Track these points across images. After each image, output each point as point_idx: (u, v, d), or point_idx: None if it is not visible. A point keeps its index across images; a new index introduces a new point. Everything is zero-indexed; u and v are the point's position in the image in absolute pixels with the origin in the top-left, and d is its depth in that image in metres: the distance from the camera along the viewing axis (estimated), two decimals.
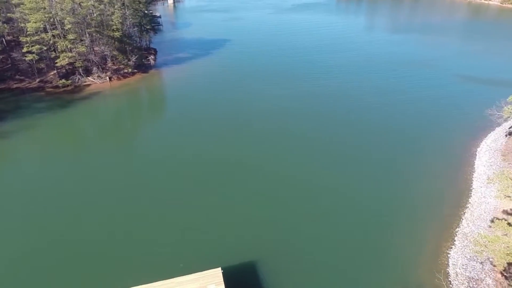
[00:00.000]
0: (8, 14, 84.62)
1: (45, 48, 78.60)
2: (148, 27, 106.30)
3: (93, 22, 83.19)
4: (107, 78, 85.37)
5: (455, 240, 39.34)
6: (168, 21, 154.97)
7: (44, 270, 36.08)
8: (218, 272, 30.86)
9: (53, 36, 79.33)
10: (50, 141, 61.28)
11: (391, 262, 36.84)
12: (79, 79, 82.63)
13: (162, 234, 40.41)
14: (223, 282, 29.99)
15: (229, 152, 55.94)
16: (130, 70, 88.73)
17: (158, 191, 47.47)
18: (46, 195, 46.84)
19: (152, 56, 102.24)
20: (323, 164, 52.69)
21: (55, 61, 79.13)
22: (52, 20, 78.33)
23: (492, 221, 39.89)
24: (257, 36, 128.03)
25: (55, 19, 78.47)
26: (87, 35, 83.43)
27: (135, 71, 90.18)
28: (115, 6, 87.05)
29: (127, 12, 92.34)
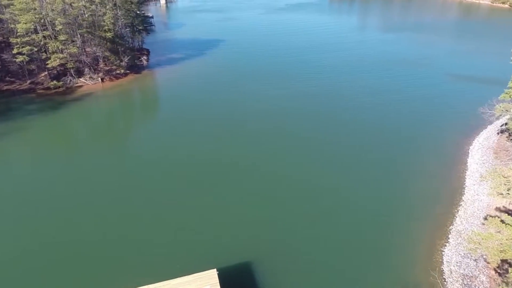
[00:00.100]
0: None
1: (35, 49, 77.58)
2: (140, 28, 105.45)
3: (84, 22, 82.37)
4: (99, 79, 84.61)
5: (449, 238, 39.64)
6: (161, 21, 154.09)
7: (36, 272, 35.61)
8: (213, 273, 30.66)
9: (44, 37, 78.43)
10: (41, 143, 60.54)
11: (387, 261, 36.96)
12: (70, 80, 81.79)
13: (157, 235, 40.11)
14: (219, 284, 29.80)
15: (223, 153, 55.76)
16: (122, 71, 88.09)
17: (152, 192, 47.11)
18: (38, 197, 46.24)
19: (145, 57, 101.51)
20: (318, 164, 52.75)
21: (46, 62, 78.22)
22: (42, 21, 77.43)
23: (485, 218, 40.17)
24: (250, 36, 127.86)
25: (46, 20, 77.57)
26: (79, 36, 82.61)
27: (128, 72, 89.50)
28: (107, 7, 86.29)
29: (119, 12, 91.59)
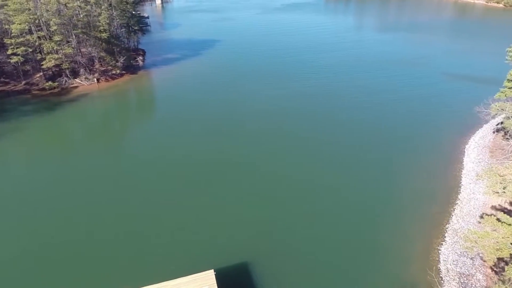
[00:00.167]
0: None
1: (30, 50, 77.02)
2: (136, 28, 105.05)
3: (79, 23, 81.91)
4: (95, 79, 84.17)
5: (445, 237, 39.72)
6: (157, 21, 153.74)
7: (33, 272, 35.40)
8: (210, 274, 30.52)
9: (38, 37, 77.89)
10: (37, 144, 60.08)
11: (384, 260, 36.99)
12: (66, 81, 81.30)
13: (153, 236, 39.91)
14: (216, 284, 29.67)
15: (220, 152, 55.61)
16: (118, 72, 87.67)
17: (148, 192, 46.89)
18: (34, 198, 45.89)
19: (141, 57, 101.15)
20: (316, 164, 52.73)
21: (41, 63, 77.68)
22: (37, 21, 76.88)
23: (481, 217, 40.36)
24: (247, 36, 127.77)
25: (41, 21, 77.04)
26: (74, 36, 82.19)
27: (124, 72, 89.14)
28: (102, 7, 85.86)
29: (114, 13, 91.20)
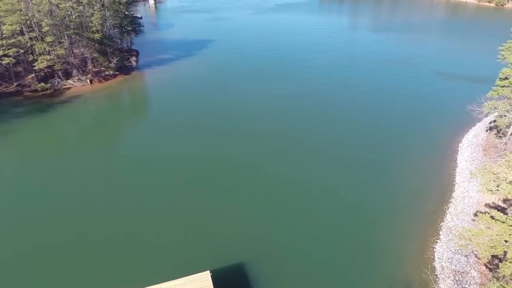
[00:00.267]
0: None
1: (22, 51, 76.37)
2: (129, 29, 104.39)
3: (72, 24, 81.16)
4: (88, 80, 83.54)
5: (440, 235, 40.03)
6: (150, 22, 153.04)
7: (26, 274, 35.09)
8: (207, 276, 30.40)
9: (30, 38, 77.18)
10: (29, 146, 59.41)
11: (379, 258, 37.15)
12: (58, 82, 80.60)
13: (149, 237, 39.66)
14: (212, 286, 29.55)
15: (216, 153, 55.45)
16: (111, 72, 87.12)
17: (143, 193, 46.60)
18: (27, 200, 45.45)
19: (134, 58, 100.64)
20: (311, 163, 52.79)
21: (33, 64, 76.88)
22: (29, 22, 76.19)
23: (475, 214, 40.67)
24: (240, 36, 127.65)
25: (32, 21, 76.31)
26: (66, 37, 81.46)
27: (117, 73, 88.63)
28: (95, 8, 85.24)
29: (107, 13, 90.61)
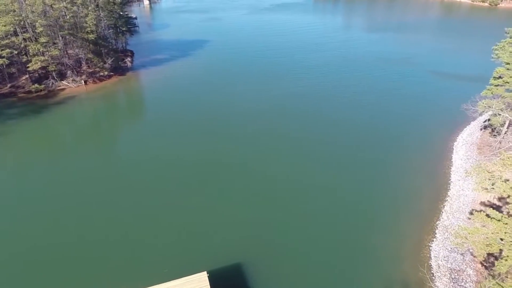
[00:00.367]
0: None
1: (16, 52, 75.76)
2: (124, 29, 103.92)
3: (66, 24, 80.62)
4: (82, 81, 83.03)
5: (436, 233, 40.16)
6: (145, 22, 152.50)
7: (22, 275, 34.81)
8: (203, 276, 30.21)
9: (24, 39, 76.59)
10: (24, 147, 58.84)
11: (376, 257, 37.20)
12: (52, 83, 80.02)
13: (145, 238, 39.41)
14: (209, 286, 29.37)
15: (212, 153, 55.28)
16: (106, 73, 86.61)
17: (139, 194, 46.34)
18: (22, 201, 45.08)
19: (129, 58, 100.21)
20: (307, 163, 52.78)
21: (27, 65, 76.27)
22: (22, 23, 75.65)
23: (471, 213, 40.85)
24: (236, 37, 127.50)
25: (26, 22, 75.76)
26: (60, 38, 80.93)
27: (112, 74, 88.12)
28: (89, 8, 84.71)
29: (102, 13, 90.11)
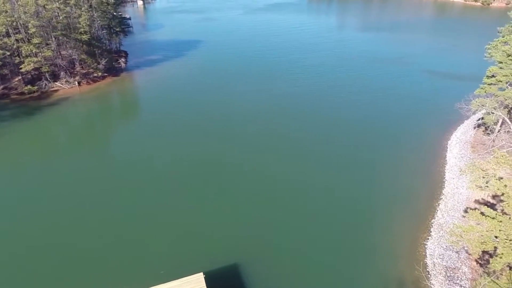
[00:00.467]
0: None
1: (8, 54, 74.96)
2: (117, 29, 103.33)
3: (59, 25, 79.93)
4: (76, 82, 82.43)
5: (431, 232, 40.40)
6: (139, 23, 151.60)
7: (17, 276, 34.51)
8: (200, 277, 30.10)
9: (16, 40, 75.81)
10: (17, 149, 58.29)
11: (372, 256, 37.32)
12: (46, 84, 79.35)
13: (140, 239, 39.19)
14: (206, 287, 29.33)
15: (208, 154, 55.12)
16: (100, 74, 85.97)
17: (134, 195, 46.10)
18: (17, 203, 44.75)
19: (123, 59, 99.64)
20: (303, 162, 52.82)
21: (20, 66, 75.48)
22: (14, 23, 74.90)
23: (465, 211, 41.12)
24: (231, 37, 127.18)
25: (18, 23, 75.03)
26: (53, 38, 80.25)
27: (106, 74, 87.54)
28: (82, 9, 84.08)
29: (95, 14, 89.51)
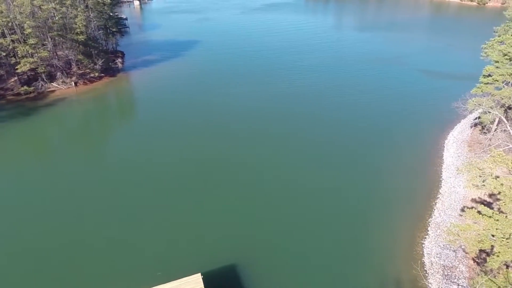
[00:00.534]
0: None
1: (4, 54, 74.62)
2: (114, 30, 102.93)
3: (55, 25, 79.59)
4: (73, 83, 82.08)
5: (428, 230, 40.54)
6: (135, 23, 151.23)
7: (12, 278, 34.33)
8: (198, 278, 30.07)
9: (12, 41, 75.39)
10: (13, 150, 57.94)
11: (370, 255, 37.39)
12: (42, 85, 78.96)
13: (137, 240, 39.08)
14: None
15: (205, 155, 55.02)
16: (96, 74, 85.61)
17: (131, 196, 45.94)
18: (12, 204, 44.39)
19: (120, 59, 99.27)
20: (301, 163, 52.87)
21: (16, 67, 75.04)
22: (10, 24, 74.35)
23: (462, 210, 41.36)
24: (227, 37, 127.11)
25: (14, 23, 74.55)
26: (49, 39, 79.87)
27: (102, 75, 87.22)
28: (78, 9, 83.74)
29: (91, 14, 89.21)
